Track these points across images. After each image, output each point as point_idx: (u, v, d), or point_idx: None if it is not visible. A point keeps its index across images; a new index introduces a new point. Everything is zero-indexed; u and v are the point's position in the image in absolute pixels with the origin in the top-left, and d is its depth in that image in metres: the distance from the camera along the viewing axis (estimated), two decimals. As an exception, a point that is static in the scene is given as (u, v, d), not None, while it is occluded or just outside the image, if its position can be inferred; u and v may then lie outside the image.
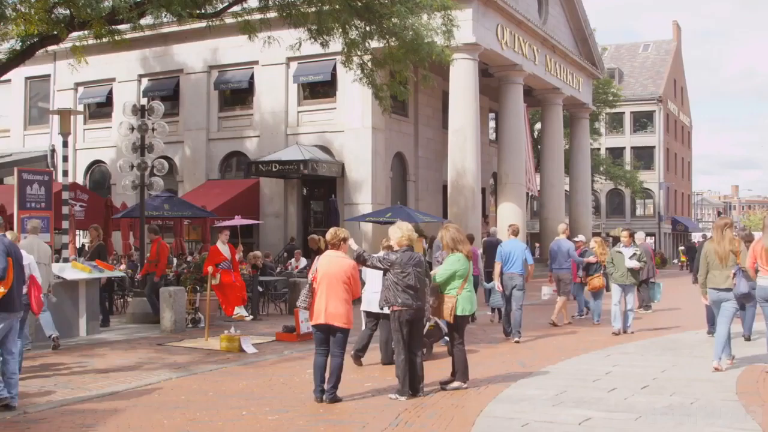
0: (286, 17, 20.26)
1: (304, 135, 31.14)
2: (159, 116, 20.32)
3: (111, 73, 33.63)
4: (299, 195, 32.18)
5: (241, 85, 32.24)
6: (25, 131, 36.69)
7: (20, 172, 17.56)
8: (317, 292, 10.38)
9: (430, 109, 35.23)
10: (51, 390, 11.53)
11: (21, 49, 20.87)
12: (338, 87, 30.54)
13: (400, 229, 10.91)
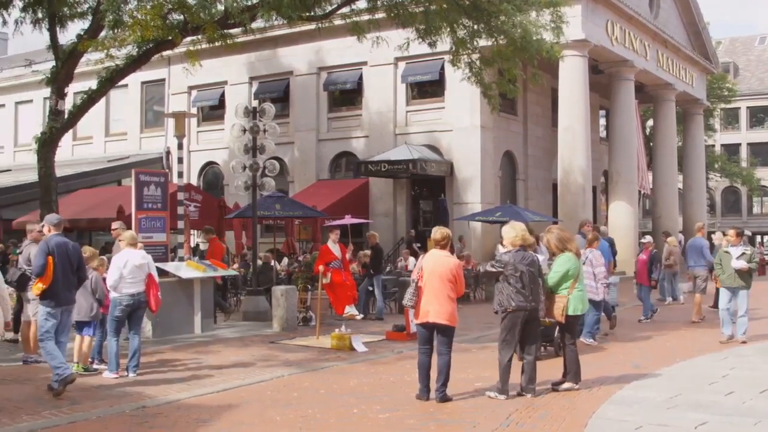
0: (394, 18, 20.33)
1: (413, 134, 31.17)
2: (270, 118, 20.62)
3: (223, 76, 34.31)
4: (408, 194, 32.24)
5: (349, 85, 32.48)
6: (142, 134, 37.71)
7: (137, 174, 18.03)
8: (423, 290, 10.42)
9: (540, 107, 34.87)
10: (168, 385, 11.82)
11: (137, 54, 21.46)
12: (446, 86, 30.48)
13: (514, 228, 10.86)
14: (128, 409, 10.24)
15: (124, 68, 21.88)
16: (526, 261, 10.58)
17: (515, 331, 10.53)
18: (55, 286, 11.26)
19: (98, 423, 9.61)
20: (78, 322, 12.79)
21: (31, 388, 11.61)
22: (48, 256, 11.23)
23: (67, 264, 11.44)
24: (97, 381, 12.21)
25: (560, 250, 11.18)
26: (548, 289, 11.02)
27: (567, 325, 11.02)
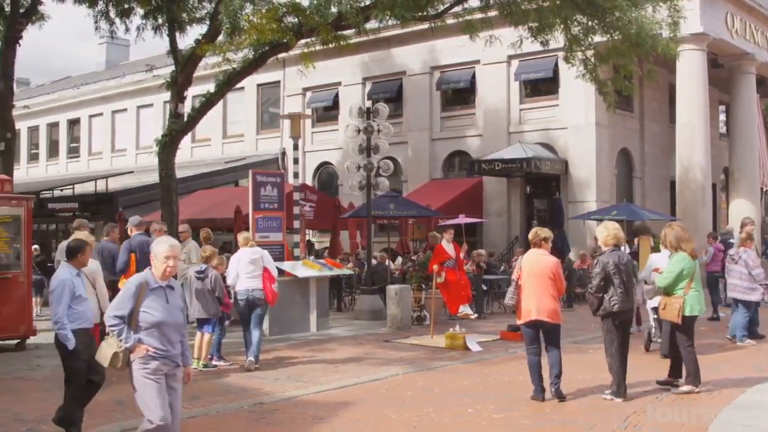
0: (506, 16, 20.19)
1: (527, 133, 30.89)
2: (384, 118, 20.73)
3: (337, 77, 34.64)
4: (522, 193, 31.96)
5: (462, 84, 32.37)
6: (258, 135, 38.36)
7: (254, 175, 18.37)
8: (522, 289, 10.48)
9: (656, 103, 34.11)
10: (284, 382, 12.01)
11: (253, 57, 21.86)
12: (561, 83, 30.10)
13: (606, 228, 10.83)
14: (246, 405, 10.45)
15: (240, 71, 22.31)
16: (622, 261, 10.52)
17: (619, 332, 10.49)
18: None
19: (217, 418, 9.84)
20: (198, 319, 13.14)
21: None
22: (131, 253, 12.63)
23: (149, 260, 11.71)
24: (216, 377, 12.49)
25: (675, 249, 10.97)
26: (661, 289, 10.84)
27: (683, 326, 10.78)
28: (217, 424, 9.57)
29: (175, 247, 7.22)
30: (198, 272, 13.19)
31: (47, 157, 48.37)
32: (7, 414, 9.94)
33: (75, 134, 46.88)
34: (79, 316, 8.68)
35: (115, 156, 43.87)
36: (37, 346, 15.41)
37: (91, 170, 42.60)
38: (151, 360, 6.95)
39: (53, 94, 49.15)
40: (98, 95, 44.86)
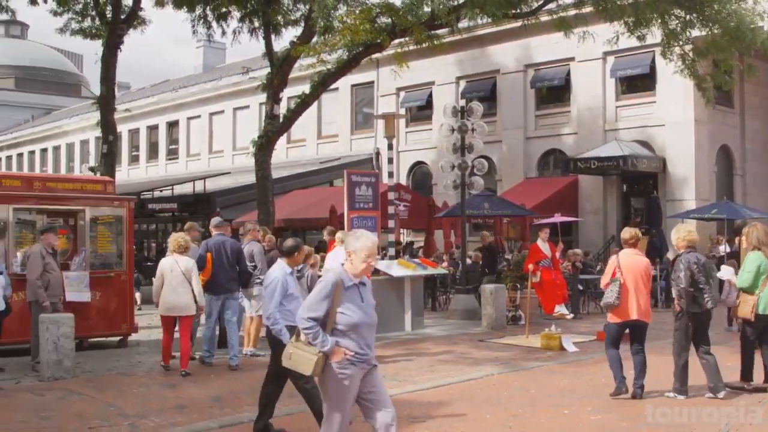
0: (601, 11, 19.94)
1: (623, 130, 30.41)
2: (478, 117, 20.64)
3: (430, 76, 34.64)
4: (619, 192, 31.48)
5: (557, 82, 32.03)
6: (352, 136, 38.60)
7: (349, 175, 18.47)
8: (624, 289, 10.48)
9: (758, 98, 33.20)
10: (380, 382, 12.05)
11: (348, 58, 22.03)
12: (657, 79, 29.55)
13: (678, 231, 10.91)
14: (342, 403, 10.51)
15: (335, 72, 22.51)
16: (700, 261, 10.50)
17: (690, 332, 10.50)
18: (214, 278, 13.38)
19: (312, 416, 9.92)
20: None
21: (253, 380, 12.11)
22: (207, 252, 13.47)
23: (224, 259, 13.49)
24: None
25: (753, 247, 10.78)
26: (741, 289, 10.67)
27: (757, 323, 10.66)
28: (312, 421, 9.65)
29: (376, 244, 6.78)
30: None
31: (147, 159, 49.55)
32: (110, 409, 10.20)
33: (174, 136, 47.91)
34: (290, 314, 8.89)
35: (212, 157, 44.67)
36: (138, 343, 15.79)
37: (189, 171, 43.48)
38: (349, 365, 6.52)
39: (153, 97, 50.31)
40: (196, 98, 45.76)
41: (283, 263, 9.16)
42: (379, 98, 36.89)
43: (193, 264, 12.75)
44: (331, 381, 6.55)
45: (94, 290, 14.43)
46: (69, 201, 15.66)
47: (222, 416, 9.80)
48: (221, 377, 12.48)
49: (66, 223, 16.53)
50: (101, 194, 16.14)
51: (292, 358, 6.75)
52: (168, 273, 12.59)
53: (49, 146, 58.67)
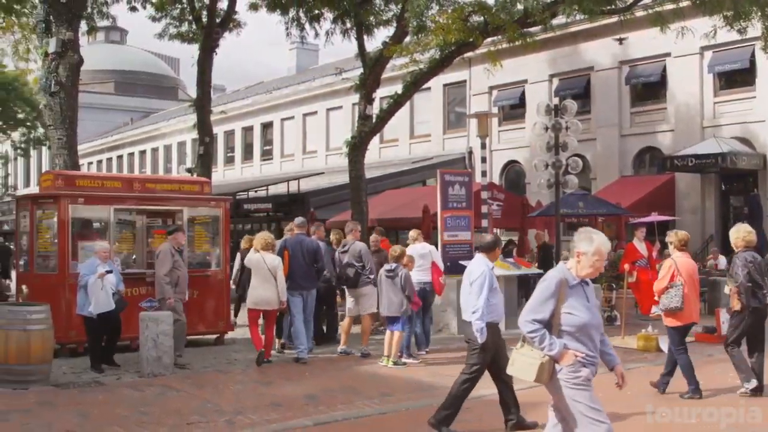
0: (699, 5, 19.54)
1: (722, 127, 29.67)
2: (572, 115, 20.38)
3: (522, 75, 34.34)
4: (717, 190, 30.72)
5: (653, 78, 31.43)
6: (444, 135, 38.53)
7: (443, 174, 18.44)
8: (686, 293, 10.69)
9: None
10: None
11: (440, 57, 22.00)
12: (757, 74, 28.76)
13: (738, 231, 10.93)
14: (436, 402, 10.48)
15: (427, 72, 22.51)
16: (756, 260, 10.64)
17: (744, 330, 10.69)
18: (291, 275, 13.85)
19: (407, 415, 9.96)
20: (388, 317, 13.34)
21: (347, 379, 12.20)
22: (284, 250, 14.05)
23: (301, 257, 14.10)
24: (407, 375, 12.62)
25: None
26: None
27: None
28: (407, 421, 9.69)
29: (608, 247, 6.42)
30: (388, 270, 13.42)
31: (242, 160, 50.27)
32: (207, 405, 10.39)
33: (268, 137, 48.51)
34: (492, 309, 9.08)
35: (306, 158, 45.10)
36: (233, 341, 16.04)
37: (283, 172, 43.96)
38: (581, 367, 6.17)
39: (247, 99, 51.04)
40: (289, 99, 46.26)
41: (483, 258, 9.39)
42: (472, 97, 36.73)
43: (279, 261, 13.59)
44: (565, 388, 6.22)
45: (191, 289, 14.71)
46: (167, 201, 16.02)
47: (316, 414, 9.89)
48: (316, 375, 12.59)
49: (164, 223, 16.90)
50: (198, 195, 16.46)
51: (515, 365, 6.52)
52: (255, 269, 13.58)
53: (148, 148, 60.01)
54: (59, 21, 18.08)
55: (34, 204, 15.20)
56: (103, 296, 12.63)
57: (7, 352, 11.53)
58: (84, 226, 15.26)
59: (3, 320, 11.70)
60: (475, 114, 23.25)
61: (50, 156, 21.11)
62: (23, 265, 15.70)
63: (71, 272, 14.25)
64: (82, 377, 12.46)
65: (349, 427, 9.49)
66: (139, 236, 16.40)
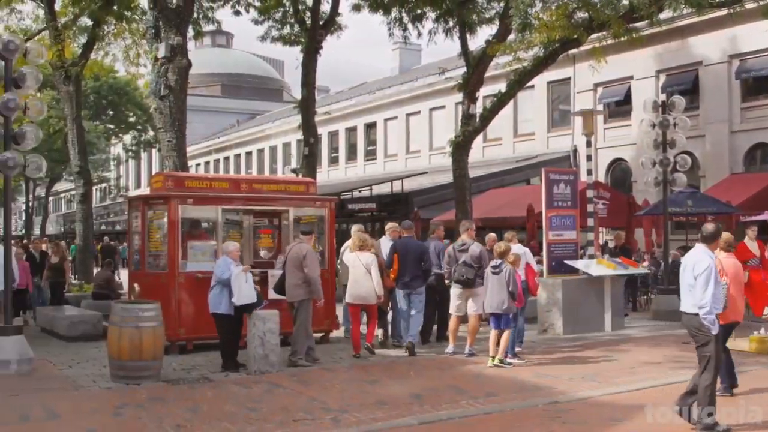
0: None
1: (839, 121, 28.71)
2: (680, 111, 19.98)
3: (628, 71, 33.72)
4: (833, 187, 29.72)
5: (764, 72, 30.51)
6: (548, 133, 38.12)
7: (547, 173, 18.27)
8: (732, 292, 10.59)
9: None
10: (579, 382, 11.88)
11: (544, 55, 21.81)
12: None
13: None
14: (540, 403, 10.44)
15: (531, 70, 22.34)
16: None
17: None
18: (400, 275, 14.73)
19: (512, 415, 9.90)
20: (493, 315, 13.32)
21: (451, 379, 12.20)
22: (395, 253, 14.81)
23: (409, 258, 14.76)
24: (512, 375, 12.55)
25: None
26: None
27: None
28: (511, 421, 9.64)
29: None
30: (493, 267, 13.41)
31: (346, 160, 50.70)
32: (314, 403, 10.51)
33: (371, 137, 48.80)
34: (717, 301, 9.18)
35: (409, 157, 45.22)
36: (339, 340, 16.17)
37: (387, 172, 44.18)
38: None
39: (351, 99, 51.45)
40: (392, 99, 46.45)
41: (706, 249, 9.32)
42: (576, 95, 36.27)
43: (372, 258, 14.29)
44: None
45: (298, 288, 14.85)
46: (274, 202, 16.27)
47: (421, 413, 9.91)
48: (421, 375, 12.63)
49: (270, 223, 17.16)
50: (304, 195, 16.67)
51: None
52: (352, 267, 14.41)
53: (254, 149, 61.02)
54: (168, 26, 18.55)
55: (146, 204, 15.61)
56: (247, 288, 12.93)
57: (120, 349, 11.88)
58: (193, 225, 15.59)
59: (116, 317, 12.07)
60: (580, 112, 23.00)
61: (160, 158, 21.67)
62: (135, 263, 16.15)
63: (181, 271, 14.62)
64: (191, 374, 12.76)
65: (454, 427, 9.48)
66: (246, 236, 16.70)
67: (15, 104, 13.54)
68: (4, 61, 13.74)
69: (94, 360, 14.11)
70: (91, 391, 11.58)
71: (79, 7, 23.78)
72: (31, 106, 14.11)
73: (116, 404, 10.57)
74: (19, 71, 13.94)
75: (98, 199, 74.15)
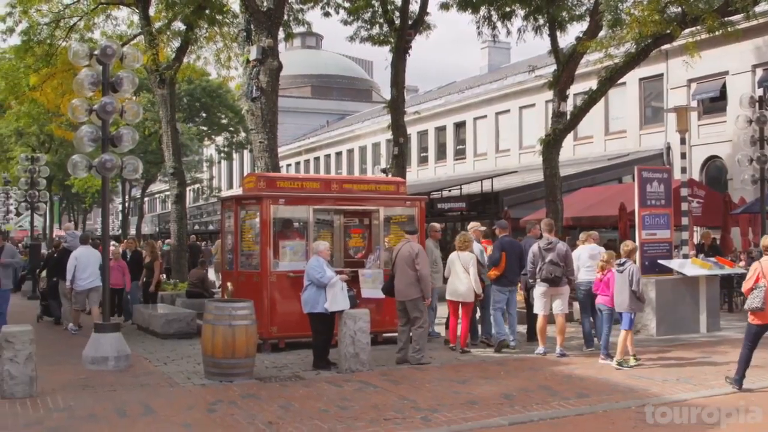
0: None
1: None
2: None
3: (723, 66, 32.97)
4: None
5: None
6: (641, 131, 37.48)
7: (640, 171, 17.98)
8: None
9: None
10: (673, 384, 11.71)
11: (636, 51, 21.47)
12: None
13: None
14: (633, 405, 10.31)
15: (622, 66, 22.02)
16: None
17: None
18: (505, 273, 15.01)
19: (604, 417, 9.81)
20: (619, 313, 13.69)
21: (542, 379, 12.11)
22: (502, 251, 15.05)
23: (514, 256, 15.11)
24: (604, 376, 12.41)
25: None
26: None
27: None
28: (603, 423, 9.54)
29: None
30: (619, 265, 13.54)
31: (435, 160, 50.67)
32: (404, 402, 10.55)
33: (461, 137, 48.67)
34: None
35: (499, 156, 44.98)
36: (431, 338, 16.16)
37: (476, 171, 44.04)
38: None
39: (440, 99, 51.41)
40: (481, 98, 46.27)
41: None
42: (669, 91, 35.59)
43: (471, 257, 14.69)
44: None
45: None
46: (364, 201, 16.38)
47: (512, 413, 9.88)
48: (512, 375, 12.57)
49: (360, 222, 17.27)
50: (394, 194, 16.73)
51: None
52: (452, 265, 14.82)
53: (343, 150, 61.44)
54: (259, 29, 18.82)
55: (238, 205, 15.87)
56: (342, 296, 13.10)
57: (214, 347, 12.10)
58: (286, 225, 15.78)
59: (210, 316, 12.29)
60: (673, 108, 22.54)
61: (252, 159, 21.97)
62: (228, 263, 16.43)
63: (273, 270, 14.82)
64: (283, 371, 12.93)
65: (546, 428, 9.43)
66: (337, 235, 16.83)
67: (112, 108, 13.91)
68: (102, 66, 14.13)
69: (188, 357, 14.42)
70: (185, 387, 11.83)
71: (172, 12, 24.22)
72: (127, 109, 14.50)
73: (210, 401, 10.77)
74: (116, 75, 14.33)
75: (192, 199, 75.55)
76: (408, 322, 13.79)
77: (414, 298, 13.70)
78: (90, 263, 18.08)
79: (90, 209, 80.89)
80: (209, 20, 24.40)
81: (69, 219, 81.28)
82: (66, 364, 13.92)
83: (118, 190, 63.77)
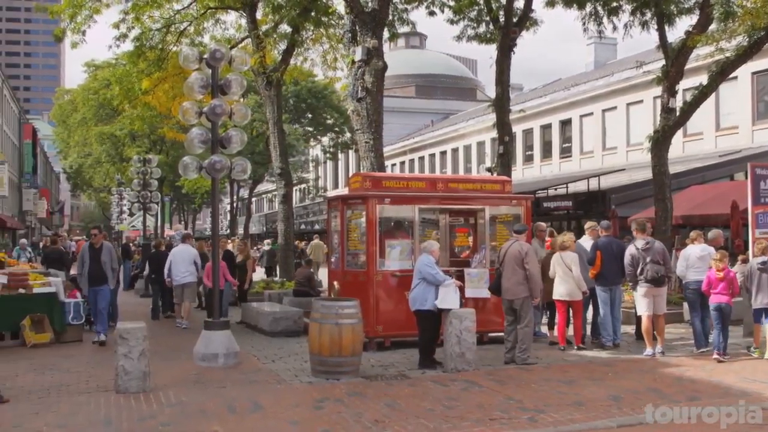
0: None
1: None
2: None
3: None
4: None
5: None
6: (753, 126, 36.43)
7: (753, 168, 17.49)
8: None
9: None
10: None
11: (748, 44, 20.91)
12: None
13: None
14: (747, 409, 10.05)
15: (734, 60, 21.48)
16: None
17: None
18: (602, 272, 15.30)
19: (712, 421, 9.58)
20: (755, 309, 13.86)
21: (652, 381, 11.91)
22: (597, 251, 15.35)
23: (611, 256, 15.22)
24: (715, 378, 12.13)
25: None
26: None
27: None
28: (716, 428, 9.32)
29: None
30: (761, 264, 13.63)
31: (541, 158, 50.20)
32: (510, 402, 10.51)
33: (566, 134, 48.12)
34: None
35: (605, 154, 44.30)
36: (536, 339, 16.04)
37: (582, 169, 43.47)
38: None
39: (545, 97, 50.92)
40: (588, 95, 45.64)
41: None
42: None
43: (573, 257, 14.84)
44: None
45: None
46: (469, 200, 16.37)
47: (620, 415, 9.74)
48: (619, 376, 12.39)
49: (466, 221, 17.24)
50: (499, 193, 16.66)
51: None
52: (556, 265, 14.96)
53: (448, 149, 61.36)
54: (364, 30, 18.96)
55: (344, 204, 16.03)
56: (453, 296, 13.20)
57: (320, 345, 12.25)
58: (396, 226, 15.84)
59: (317, 314, 12.45)
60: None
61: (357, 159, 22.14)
62: (334, 262, 16.60)
63: (379, 269, 14.91)
64: (389, 370, 13.01)
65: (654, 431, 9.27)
66: (442, 234, 16.84)
67: (221, 110, 14.21)
68: (211, 69, 14.46)
69: (295, 355, 14.62)
70: (292, 384, 12.01)
71: (279, 15, 24.58)
72: (236, 111, 14.79)
73: (317, 398, 10.91)
74: (225, 78, 14.63)
75: (298, 199, 76.46)
76: (514, 321, 13.75)
77: (522, 297, 13.66)
78: (184, 260, 19.45)
79: (199, 209, 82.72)
80: (315, 22, 24.68)
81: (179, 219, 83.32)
82: (177, 360, 14.30)
83: (227, 191, 65.00)
